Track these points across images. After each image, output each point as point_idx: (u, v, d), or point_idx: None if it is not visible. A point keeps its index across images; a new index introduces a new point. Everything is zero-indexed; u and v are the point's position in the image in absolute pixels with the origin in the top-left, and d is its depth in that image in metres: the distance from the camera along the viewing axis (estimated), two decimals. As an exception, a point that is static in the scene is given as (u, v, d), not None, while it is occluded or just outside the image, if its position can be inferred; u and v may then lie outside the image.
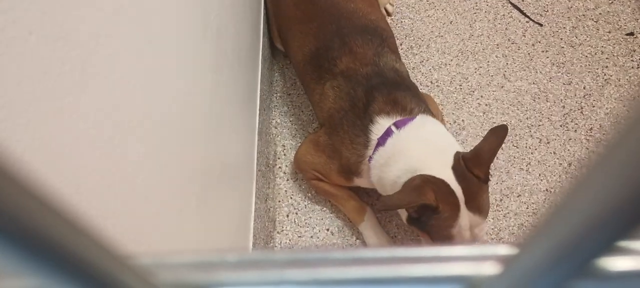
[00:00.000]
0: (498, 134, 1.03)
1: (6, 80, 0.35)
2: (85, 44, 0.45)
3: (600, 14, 1.83)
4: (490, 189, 1.44)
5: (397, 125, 1.15)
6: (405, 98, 1.19)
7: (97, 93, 0.47)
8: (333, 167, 1.29)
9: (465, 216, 1.02)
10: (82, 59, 0.44)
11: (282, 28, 1.48)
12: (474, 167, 1.04)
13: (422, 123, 1.16)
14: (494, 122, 1.57)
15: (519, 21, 1.81)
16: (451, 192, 1.02)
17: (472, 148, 1.50)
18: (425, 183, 1.02)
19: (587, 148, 1.54)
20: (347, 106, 1.23)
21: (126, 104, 0.54)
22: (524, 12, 1.83)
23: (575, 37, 1.77)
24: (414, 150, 1.11)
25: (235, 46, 1.11)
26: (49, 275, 0.13)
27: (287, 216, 1.41)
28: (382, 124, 1.17)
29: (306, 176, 1.40)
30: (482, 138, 1.53)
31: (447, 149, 1.10)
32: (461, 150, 1.11)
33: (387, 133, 1.15)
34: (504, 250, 0.19)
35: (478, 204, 1.03)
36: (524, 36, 1.77)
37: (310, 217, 1.41)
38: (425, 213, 1.03)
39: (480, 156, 1.04)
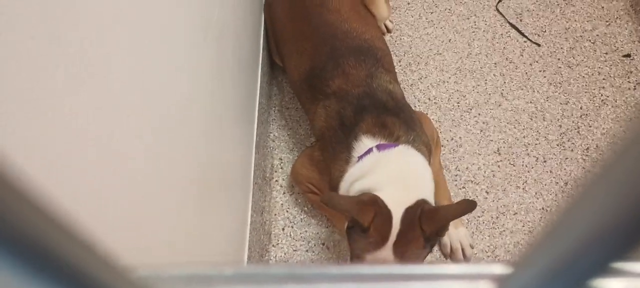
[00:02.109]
0: (465, 206, 1.01)
1: (2, 80, 0.35)
2: (83, 45, 0.45)
3: (597, 35, 1.85)
4: (486, 206, 1.45)
5: (379, 147, 1.15)
6: (394, 124, 1.19)
7: (95, 95, 0.47)
8: (325, 183, 1.29)
9: (384, 254, 1.02)
10: (80, 59, 0.44)
11: (279, 45, 1.49)
12: (425, 221, 1.02)
13: (403, 153, 1.16)
14: (491, 140, 1.58)
15: (517, 41, 1.83)
16: (389, 225, 1.01)
17: (469, 165, 1.52)
18: (372, 204, 1.02)
19: (584, 168, 1.54)
20: (336, 125, 1.24)
21: (124, 107, 0.54)
22: (522, 32, 1.84)
23: (572, 58, 1.78)
24: (384, 173, 1.11)
25: (236, 54, 1.12)
26: (43, 285, 0.13)
27: (283, 229, 1.41)
28: (365, 143, 1.17)
29: (301, 188, 1.40)
30: (478, 155, 1.54)
31: (414, 188, 1.09)
32: (430, 197, 1.10)
33: (367, 152, 1.16)
34: (498, 269, 0.19)
35: (404, 251, 1.02)
36: (522, 55, 1.79)
37: (306, 231, 1.40)
38: (357, 226, 1.03)
39: (437, 215, 1.02)
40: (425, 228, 1.01)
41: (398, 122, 1.20)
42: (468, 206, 1.00)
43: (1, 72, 0.34)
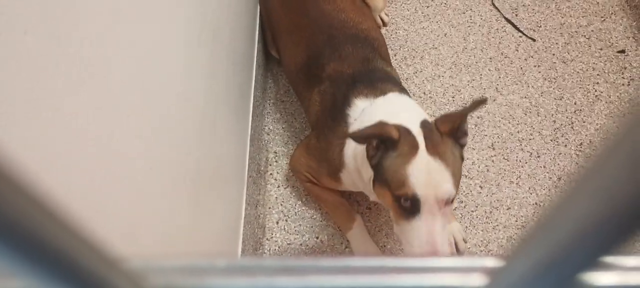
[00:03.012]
0: (475, 103, 1.00)
1: (1, 79, 0.34)
2: (82, 45, 0.45)
3: (592, 31, 1.85)
4: (479, 201, 1.45)
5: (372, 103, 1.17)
6: (386, 84, 1.20)
7: (92, 94, 0.47)
8: (323, 171, 1.29)
9: (424, 158, 0.98)
10: (78, 59, 0.44)
11: (275, 37, 1.49)
12: (441, 124, 1.02)
13: (396, 97, 1.17)
14: (485, 135, 1.58)
15: (513, 36, 1.83)
16: (413, 136, 1.01)
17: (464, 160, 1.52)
18: (389, 124, 1.01)
19: (577, 163, 1.55)
20: (330, 105, 1.24)
21: (121, 105, 0.54)
22: (518, 27, 1.84)
23: (567, 53, 1.79)
24: (383, 113, 1.10)
25: (230, 51, 1.11)
26: (40, 276, 0.13)
27: (277, 223, 1.41)
28: (359, 105, 1.18)
29: (299, 178, 1.41)
30: (472, 150, 1.54)
31: (416, 113, 1.10)
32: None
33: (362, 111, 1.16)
34: (490, 262, 0.19)
35: (438, 150, 1.00)
36: (517, 51, 1.79)
37: (300, 225, 1.41)
38: (385, 151, 1.01)
39: (450, 116, 1.03)
40: (443, 129, 1.02)
41: (391, 82, 1.22)
42: (479, 102, 1.00)
43: (1, 72, 0.34)
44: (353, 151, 1.16)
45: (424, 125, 1.04)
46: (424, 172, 0.97)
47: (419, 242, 0.98)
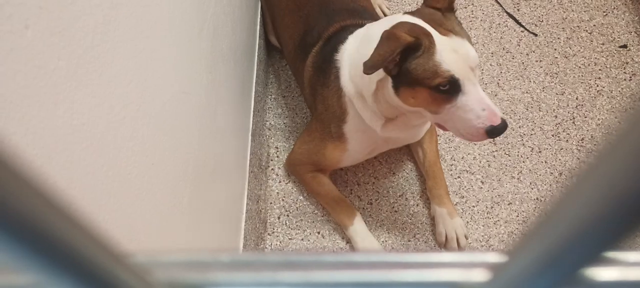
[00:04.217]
0: None
1: (2, 74, 0.35)
2: (81, 40, 0.45)
3: (594, 25, 1.85)
4: (481, 196, 1.45)
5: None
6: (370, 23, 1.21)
7: (92, 89, 0.47)
8: (326, 142, 1.29)
9: (442, 41, 0.99)
10: (78, 54, 0.44)
11: (276, 21, 1.50)
12: (435, 2, 1.03)
13: (383, 20, 1.15)
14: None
15: (514, 30, 1.82)
16: (420, 26, 1.01)
17: (464, 155, 1.52)
18: (393, 28, 1.00)
19: (578, 159, 1.55)
20: (321, 61, 1.25)
21: (121, 100, 0.54)
22: (519, 21, 1.84)
23: (569, 48, 1.79)
24: (371, 32, 1.09)
25: (232, 46, 1.11)
26: (47, 271, 0.13)
27: (279, 218, 1.41)
28: (345, 47, 1.19)
29: (299, 173, 1.41)
30: (474, 145, 1.54)
31: (400, 15, 1.09)
32: None
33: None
34: (493, 257, 0.19)
35: (448, 27, 1.01)
36: (519, 45, 1.79)
37: (302, 220, 1.41)
38: (405, 59, 1.00)
39: None
40: (440, 5, 1.04)
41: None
42: None
43: (2, 67, 0.34)
44: (348, 74, 1.17)
45: (420, 13, 1.04)
46: (450, 52, 0.99)
47: (474, 113, 1.00)
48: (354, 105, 1.20)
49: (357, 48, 1.16)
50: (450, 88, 0.99)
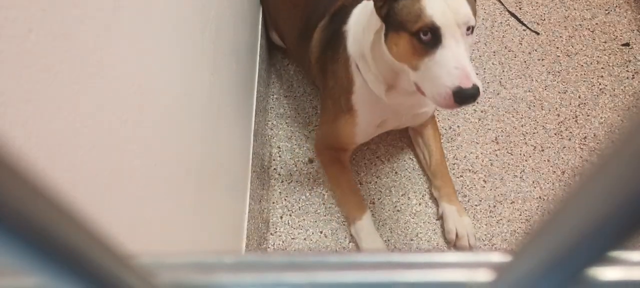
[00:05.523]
0: None
1: (4, 77, 0.35)
2: (84, 42, 0.45)
3: (596, 24, 1.84)
4: (483, 195, 1.45)
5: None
6: None
7: (95, 91, 0.47)
8: (339, 119, 1.28)
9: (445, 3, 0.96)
10: (81, 57, 0.44)
11: (275, 17, 1.50)
12: None
13: None
14: (489, 129, 1.58)
15: (516, 29, 1.82)
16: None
17: (466, 154, 1.52)
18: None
19: (581, 157, 1.55)
20: (329, 34, 1.25)
21: (124, 102, 0.54)
22: (521, 20, 1.84)
23: (571, 47, 1.78)
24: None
25: (234, 46, 1.11)
26: (52, 273, 0.13)
27: (281, 218, 1.41)
28: (351, 17, 1.20)
29: (323, 160, 1.41)
30: (476, 144, 1.54)
31: None
32: None
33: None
34: (497, 257, 0.19)
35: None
36: (521, 44, 1.78)
37: (304, 220, 1.41)
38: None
39: None
40: None
41: None
42: None
43: (2, 69, 0.34)
44: (353, 37, 1.17)
45: None
46: (439, 1, 0.95)
47: (446, 69, 0.94)
48: (360, 70, 1.19)
49: (361, 9, 1.16)
50: (431, 39, 0.94)
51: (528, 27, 1.82)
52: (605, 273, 0.17)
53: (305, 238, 1.38)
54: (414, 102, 1.23)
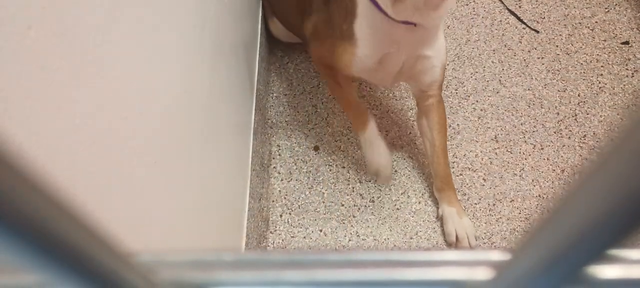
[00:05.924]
0: None
1: (4, 75, 0.35)
2: (84, 40, 0.45)
3: (596, 22, 1.84)
4: (483, 193, 1.45)
5: None
6: None
7: (95, 89, 0.47)
8: (336, 44, 1.25)
9: None
10: (80, 54, 0.44)
11: (284, 14, 1.49)
12: None
13: None
14: (489, 127, 1.58)
15: (516, 27, 1.82)
16: None
17: (466, 152, 1.52)
18: None
19: (581, 155, 1.55)
20: None
21: (123, 99, 0.54)
22: (521, 18, 1.83)
23: (571, 45, 1.78)
24: None
25: (233, 44, 1.11)
26: (50, 270, 0.13)
27: (281, 216, 1.41)
28: None
29: (321, 73, 1.42)
30: (476, 142, 1.54)
31: None
32: None
33: None
34: (497, 255, 0.19)
35: None
36: (521, 42, 1.78)
37: (304, 218, 1.41)
38: None
39: None
40: None
41: None
42: None
43: (5, 67, 0.34)
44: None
45: None
46: None
47: None
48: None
49: None
50: None
51: (528, 26, 1.82)
52: (605, 271, 0.17)
53: (305, 237, 1.39)
54: (424, 17, 1.16)
